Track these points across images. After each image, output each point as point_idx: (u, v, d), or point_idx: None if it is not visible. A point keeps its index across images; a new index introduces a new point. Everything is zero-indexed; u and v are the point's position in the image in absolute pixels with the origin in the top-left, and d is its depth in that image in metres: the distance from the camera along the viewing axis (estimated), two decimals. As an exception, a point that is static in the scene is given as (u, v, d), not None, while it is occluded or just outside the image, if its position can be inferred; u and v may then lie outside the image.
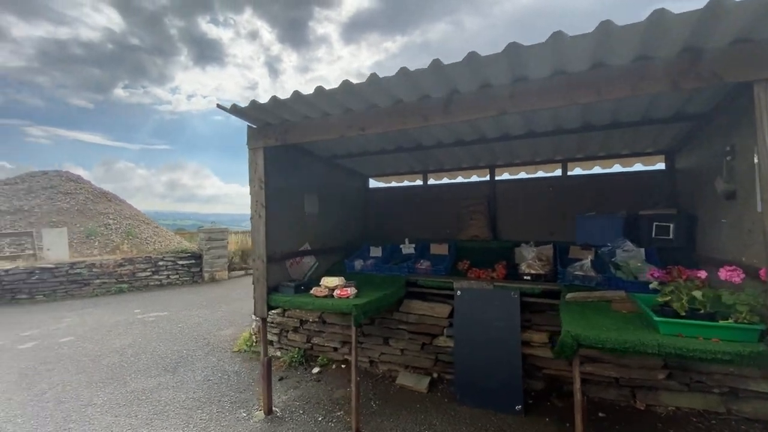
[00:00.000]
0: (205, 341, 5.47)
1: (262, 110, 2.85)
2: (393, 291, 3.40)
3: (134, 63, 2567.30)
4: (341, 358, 4.19)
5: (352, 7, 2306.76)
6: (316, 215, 4.02)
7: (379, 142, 3.90)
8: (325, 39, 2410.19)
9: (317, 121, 2.92)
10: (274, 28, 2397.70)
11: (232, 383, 3.95)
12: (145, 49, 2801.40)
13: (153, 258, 10.31)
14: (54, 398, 3.76)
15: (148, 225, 15.06)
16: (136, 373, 4.36)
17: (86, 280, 9.38)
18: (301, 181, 3.84)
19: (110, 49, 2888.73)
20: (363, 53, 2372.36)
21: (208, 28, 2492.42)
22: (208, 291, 9.67)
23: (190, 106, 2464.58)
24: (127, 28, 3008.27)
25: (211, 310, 7.53)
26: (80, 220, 13.20)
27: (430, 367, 3.71)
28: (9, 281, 8.69)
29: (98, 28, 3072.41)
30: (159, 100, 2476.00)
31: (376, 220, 4.96)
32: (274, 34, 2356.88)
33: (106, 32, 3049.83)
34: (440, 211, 4.53)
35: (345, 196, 4.58)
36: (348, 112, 2.79)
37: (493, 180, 4.42)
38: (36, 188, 13.92)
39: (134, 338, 5.71)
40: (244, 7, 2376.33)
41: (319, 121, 2.91)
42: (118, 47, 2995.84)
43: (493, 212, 4.25)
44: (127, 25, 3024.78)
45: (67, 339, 5.78)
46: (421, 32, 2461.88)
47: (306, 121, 2.97)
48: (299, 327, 4.42)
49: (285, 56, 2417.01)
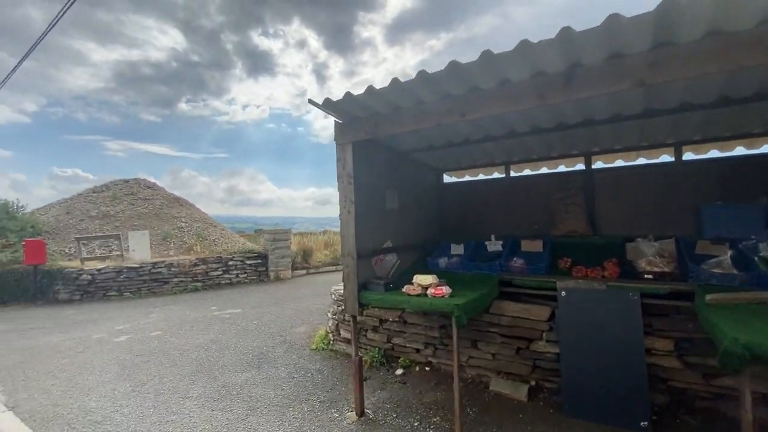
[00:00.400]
0: (281, 338, 5.57)
1: (354, 102, 2.75)
2: (488, 291, 3.16)
3: (195, 78, 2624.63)
4: (424, 360, 4.01)
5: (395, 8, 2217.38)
6: (396, 212, 3.88)
7: (465, 131, 3.67)
8: (369, 42, 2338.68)
9: (411, 110, 2.76)
10: (320, 36, 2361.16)
11: (317, 382, 3.92)
12: (204, 65, 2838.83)
13: (224, 258, 10.85)
14: (153, 390, 3.96)
15: (215, 227, 15.97)
16: (223, 368, 4.50)
17: (166, 278, 10.07)
18: (380, 176, 3.72)
19: (174, 66, 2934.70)
20: (407, 53, 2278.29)
21: (260, 40, 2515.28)
22: (274, 289, 9.98)
23: (245, 115, 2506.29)
24: (188, 46, 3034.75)
25: (281, 308, 7.71)
26: (157, 223, 14.28)
27: (527, 374, 3.42)
28: (101, 279, 9.55)
29: (164, 49, 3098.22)
30: (217, 112, 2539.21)
31: (452, 216, 4.73)
32: (320, 41, 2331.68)
33: (171, 52, 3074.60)
34: (526, 205, 4.20)
35: (420, 192, 4.41)
36: (446, 98, 2.60)
37: (589, 168, 4.00)
38: (119, 195, 15.29)
39: (215, 334, 5.95)
40: (293, 17, 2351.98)
41: (413, 109, 2.76)
42: (181, 64, 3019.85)
43: (591, 204, 3.84)
44: (188, 44, 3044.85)
45: (156, 333, 6.16)
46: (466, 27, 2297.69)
47: (398, 112, 2.83)
48: (378, 326, 4.31)
49: (331, 62, 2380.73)
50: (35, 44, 9.17)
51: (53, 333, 6.51)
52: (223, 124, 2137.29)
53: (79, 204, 14.49)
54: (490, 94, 2.45)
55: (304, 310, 7.38)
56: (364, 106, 2.81)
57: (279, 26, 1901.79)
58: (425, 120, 2.72)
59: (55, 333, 6.50)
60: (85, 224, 13.41)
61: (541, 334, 3.35)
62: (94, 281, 9.47)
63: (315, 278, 11.71)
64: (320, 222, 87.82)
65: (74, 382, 4.28)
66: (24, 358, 5.25)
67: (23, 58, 9.62)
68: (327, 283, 10.52)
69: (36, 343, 5.95)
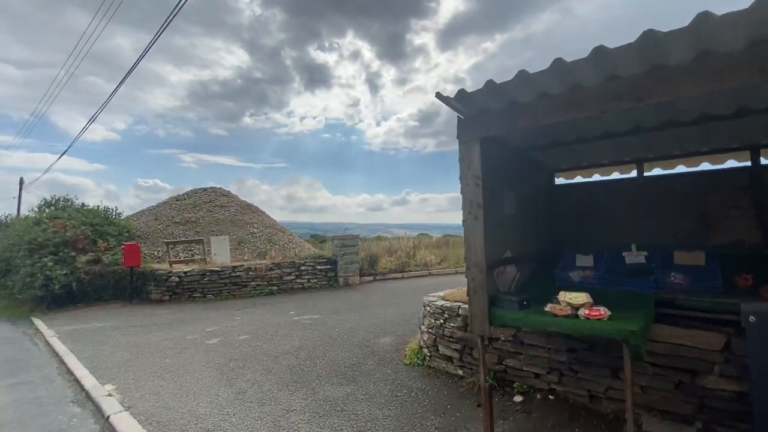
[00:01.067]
0: (368, 349, 5.34)
1: (494, 92, 2.41)
2: (649, 312, 2.62)
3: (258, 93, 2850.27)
4: (546, 386, 3.52)
5: (448, 12, 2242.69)
6: (513, 217, 3.46)
7: (596, 125, 3.17)
8: (421, 49, 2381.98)
9: (562, 98, 2.36)
10: (373, 46, 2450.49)
11: (424, 404, 3.59)
12: (266, 80, 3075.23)
13: (296, 263, 11.04)
14: (256, 399, 3.88)
15: (283, 233, 16.49)
16: (319, 378, 4.34)
17: (244, 282, 10.44)
18: (497, 177, 3.32)
19: (240, 83, 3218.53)
20: (460, 57, 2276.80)
21: (316, 54, 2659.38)
22: (345, 296, 9.91)
23: (302, 126, 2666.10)
24: (252, 63, 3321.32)
25: (357, 315, 7.55)
26: (232, 229, 15.04)
27: (691, 413, 2.80)
28: (187, 282, 10.11)
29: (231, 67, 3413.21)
30: (277, 124, 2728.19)
31: (566, 222, 4.19)
32: (373, 51, 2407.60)
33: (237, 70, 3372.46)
34: (665, 210, 3.55)
35: (532, 195, 3.93)
36: (613, 80, 2.17)
37: (757, 164, 3.29)
38: (199, 203, 16.37)
39: (300, 341, 5.89)
40: (347, 30, 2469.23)
41: (565, 96, 2.35)
42: (245, 81, 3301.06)
43: (762, 208, 3.13)
44: (252, 62, 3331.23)
45: (244, 337, 6.25)
46: (522, 26, 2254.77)
47: (543, 101, 2.43)
48: (488, 345, 3.89)
49: (384, 71, 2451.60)
50: (129, 72, 10.06)
51: (152, 332, 6.88)
52: (282, 135, 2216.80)
53: (164, 211, 15.71)
54: (683, 70, 1.97)
55: (383, 318, 7.15)
56: (503, 95, 2.46)
57: (334, 40, 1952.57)
58: (582, 108, 2.29)
59: (154, 332, 6.87)
60: (171, 229, 14.46)
61: (711, 367, 2.73)
62: (181, 283, 10.05)
63: (383, 285, 11.52)
64: (372, 228, 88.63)
65: (179, 384, 4.36)
66: (130, 355, 5.54)
67: (119, 85, 10.60)
68: (398, 291, 10.27)
69: (138, 340, 6.31)
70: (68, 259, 10.03)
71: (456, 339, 4.16)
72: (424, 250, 15.24)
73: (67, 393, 4.38)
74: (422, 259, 14.13)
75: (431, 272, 13.52)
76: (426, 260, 14.11)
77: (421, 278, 12.77)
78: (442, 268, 13.96)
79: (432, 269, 13.70)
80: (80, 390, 4.41)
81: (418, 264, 13.86)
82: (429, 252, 14.99)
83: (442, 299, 4.59)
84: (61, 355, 5.65)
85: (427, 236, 22.55)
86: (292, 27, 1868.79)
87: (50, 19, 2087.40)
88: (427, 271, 13.52)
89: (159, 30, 8.25)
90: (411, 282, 11.96)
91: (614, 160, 4.02)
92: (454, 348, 4.18)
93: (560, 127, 3.23)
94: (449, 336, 4.23)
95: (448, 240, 19.36)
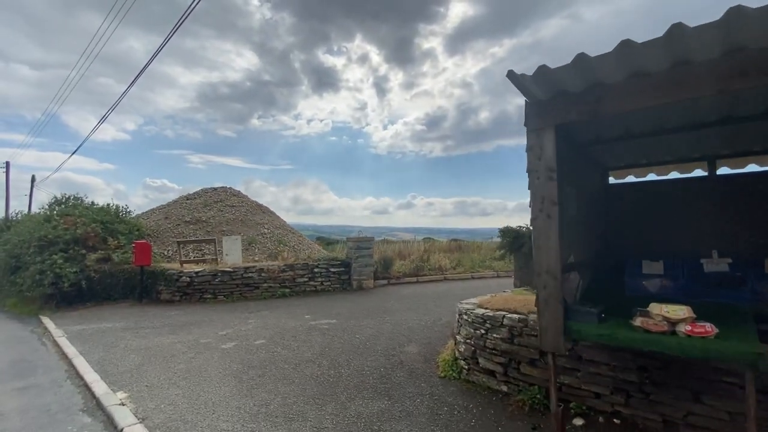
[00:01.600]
0: (395, 359, 4.98)
1: (581, 68, 2.07)
2: (753, 328, 2.25)
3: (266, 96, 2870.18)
4: (609, 408, 3.13)
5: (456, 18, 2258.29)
6: (575, 219, 3.10)
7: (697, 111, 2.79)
8: (429, 53, 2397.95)
9: (663, 76, 2.01)
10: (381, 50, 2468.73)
11: (470, 423, 3.22)
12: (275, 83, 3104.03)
13: (310, 265, 10.71)
14: (282, 414, 3.53)
15: (294, 234, 16.20)
16: (347, 390, 3.99)
17: (256, 283, 10.12)
18: (560, 172, 2.97)
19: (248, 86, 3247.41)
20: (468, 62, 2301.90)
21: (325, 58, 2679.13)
22: (360, 300, 9.55)
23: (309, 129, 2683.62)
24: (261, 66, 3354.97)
25: (375, 320, 7.19)
26: (242, 229, 14.76)
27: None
28: (198, 282, 9.81)
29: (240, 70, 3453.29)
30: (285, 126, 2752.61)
31: (621, 225, 3.82)
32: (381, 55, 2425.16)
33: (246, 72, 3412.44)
34: (745, 213, 3.18)
35: (589, 194, 3.57)
36: (739, 52, 1.82)
37: None
38: (209, 202, 16.12)
39: (320, 348, 5.54)
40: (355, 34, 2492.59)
41: (666, 74, 2.00)
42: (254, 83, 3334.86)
43: None
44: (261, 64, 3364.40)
45: (260, 342, 5.91)
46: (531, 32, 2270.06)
47: (638, 80, 2.09)
48: (537, 359, 3.51)
49: (392, 75, 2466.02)
50: (140, 73, 9.88)
51: (163, 334, 6.57)
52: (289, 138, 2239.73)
53: (175, 210, 15.48)
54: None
55: (403, 325, 6.78)
56: (588, 73, 2.12)
57: (342, 43, 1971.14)
58: (692, 87, 1.94)
59: (165, 334, 6.56)
60: (181, 228, 14.21)
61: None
62: (192, 283, 9.75)
63: (398, 290, 11.13)
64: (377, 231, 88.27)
65: (196, 393, 4.03)
66: (142, 359, 5.22)
67: (130, 85, 10.42)
68: (415, 296, 9.88)
69: (150, 343, 5.99)
70: (78, 256, 9.79)
71: (500, 352, 3.79)
72: (437, 254, 14.84)
73: (77, 400, 4.06)
74: (436, 264, 13.74)
75: (446, 277, 13.13)
76: (441, 264, 13.72)
77: (436, 283, 12.38)
78: (457, 273, 13.55)
79: (447, 274, 13.30)
80: (90, 397, 4.10)
81: (432, 268, 13.47)
82: (443, 256, 14.59)
83: (480, 307, 4.23)
84: (71, 357, 5.35)
85: (432, 240, 22.15)
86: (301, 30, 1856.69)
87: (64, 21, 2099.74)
88: (442, 276, 13.12)
89: (170, 32, 8.05)
90: (427, 287, 11.57)
91: (682, 156, 3.64)
92: (497, 361, 3.81)
93: (634, 117, 2.87)
94: (492, 348, 3.86)
95: (460, 244, 18.93)
